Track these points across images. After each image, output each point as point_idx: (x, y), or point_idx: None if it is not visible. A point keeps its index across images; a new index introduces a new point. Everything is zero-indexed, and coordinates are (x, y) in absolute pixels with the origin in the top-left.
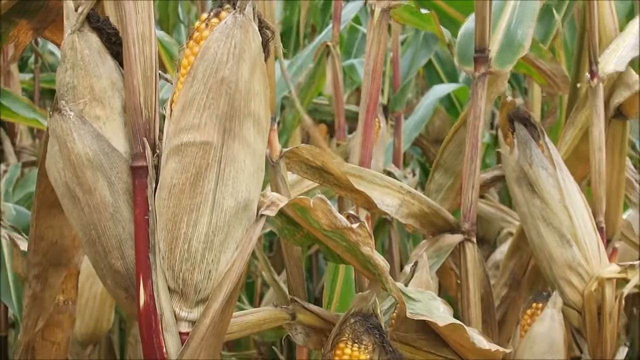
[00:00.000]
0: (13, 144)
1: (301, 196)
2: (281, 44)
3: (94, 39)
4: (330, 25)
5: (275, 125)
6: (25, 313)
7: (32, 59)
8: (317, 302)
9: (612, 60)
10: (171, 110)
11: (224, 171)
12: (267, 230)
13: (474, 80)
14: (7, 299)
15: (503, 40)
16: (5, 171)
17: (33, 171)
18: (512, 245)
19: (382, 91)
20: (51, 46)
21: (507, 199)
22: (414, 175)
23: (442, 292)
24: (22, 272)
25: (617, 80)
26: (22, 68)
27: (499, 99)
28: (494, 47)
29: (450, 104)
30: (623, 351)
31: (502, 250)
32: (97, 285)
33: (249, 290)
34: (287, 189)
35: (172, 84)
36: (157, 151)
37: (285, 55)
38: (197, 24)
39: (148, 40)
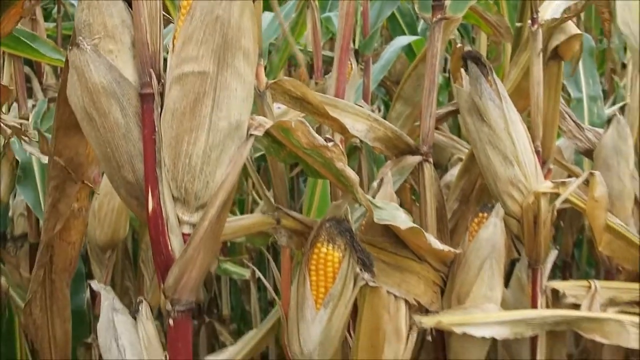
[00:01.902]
0: (40, 82)
1: (284, 119)
2: None
3: None
4: None
5: (263, 62)
6: (45, 217)
7: (55, 10)
8: None
9: (549, 10)
10: (173, 45)
11: (219, 97)
12: (258, 154)
13: (432, 25)
14: (38, 211)
15: None
16: (34, 106)
17: None
18: (462, 167)
19: (354, 40)
20: None
21: (456, 131)
22: (379, 111)
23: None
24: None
25: (554, 28)
26: (47, 17)
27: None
28: None
29: (409, 50)
30: (553, 254)
31: (452, 173)
32: (114, 201)
33: (241, 206)
34: (273, 115)
35: (173, 22)
36: (162, 80)
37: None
38: None
39: None
